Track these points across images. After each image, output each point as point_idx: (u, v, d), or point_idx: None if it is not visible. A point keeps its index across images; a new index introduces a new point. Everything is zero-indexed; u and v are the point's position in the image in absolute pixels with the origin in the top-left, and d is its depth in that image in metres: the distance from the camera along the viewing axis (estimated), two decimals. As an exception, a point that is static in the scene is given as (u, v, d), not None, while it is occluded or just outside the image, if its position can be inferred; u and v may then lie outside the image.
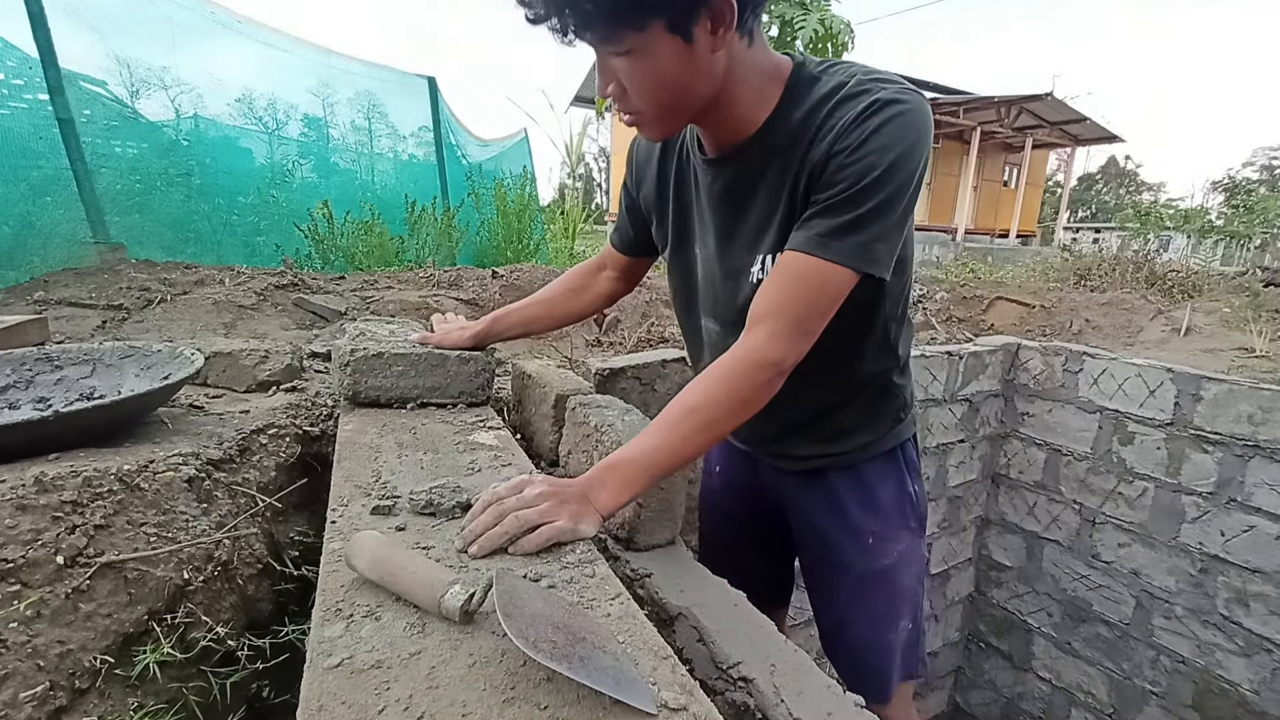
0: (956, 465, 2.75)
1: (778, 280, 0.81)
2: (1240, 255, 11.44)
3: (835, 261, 0.77)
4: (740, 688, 0.79)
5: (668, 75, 0.76)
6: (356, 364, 1.13)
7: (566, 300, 1.26)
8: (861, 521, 1.11)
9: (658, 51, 0.74)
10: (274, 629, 0.92)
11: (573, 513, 0.74)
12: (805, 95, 0.84)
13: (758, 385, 0.80)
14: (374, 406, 1.16)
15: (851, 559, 1.12)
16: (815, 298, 0.79)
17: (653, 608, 0.93)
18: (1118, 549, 2.54)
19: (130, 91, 3.00)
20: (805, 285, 0.79)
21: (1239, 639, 2.23)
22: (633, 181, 1.12)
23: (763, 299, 0.82)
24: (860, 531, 1.11)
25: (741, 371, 0.80)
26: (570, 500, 0.75)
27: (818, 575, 1.21)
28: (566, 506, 0.74)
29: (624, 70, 0.77)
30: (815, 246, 0.78)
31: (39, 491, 0.76)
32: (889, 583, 1.12)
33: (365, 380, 1.14)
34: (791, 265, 0.80)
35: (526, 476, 0.79)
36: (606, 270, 1.25)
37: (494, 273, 2.77)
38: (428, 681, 0.53)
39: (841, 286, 0.79)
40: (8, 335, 1.41)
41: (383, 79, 4.48)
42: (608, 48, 0.75)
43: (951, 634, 3.08)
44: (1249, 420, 2.12)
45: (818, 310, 0.80)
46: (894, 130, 0.76)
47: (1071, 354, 2.60)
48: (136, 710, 0.73)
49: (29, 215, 2.38)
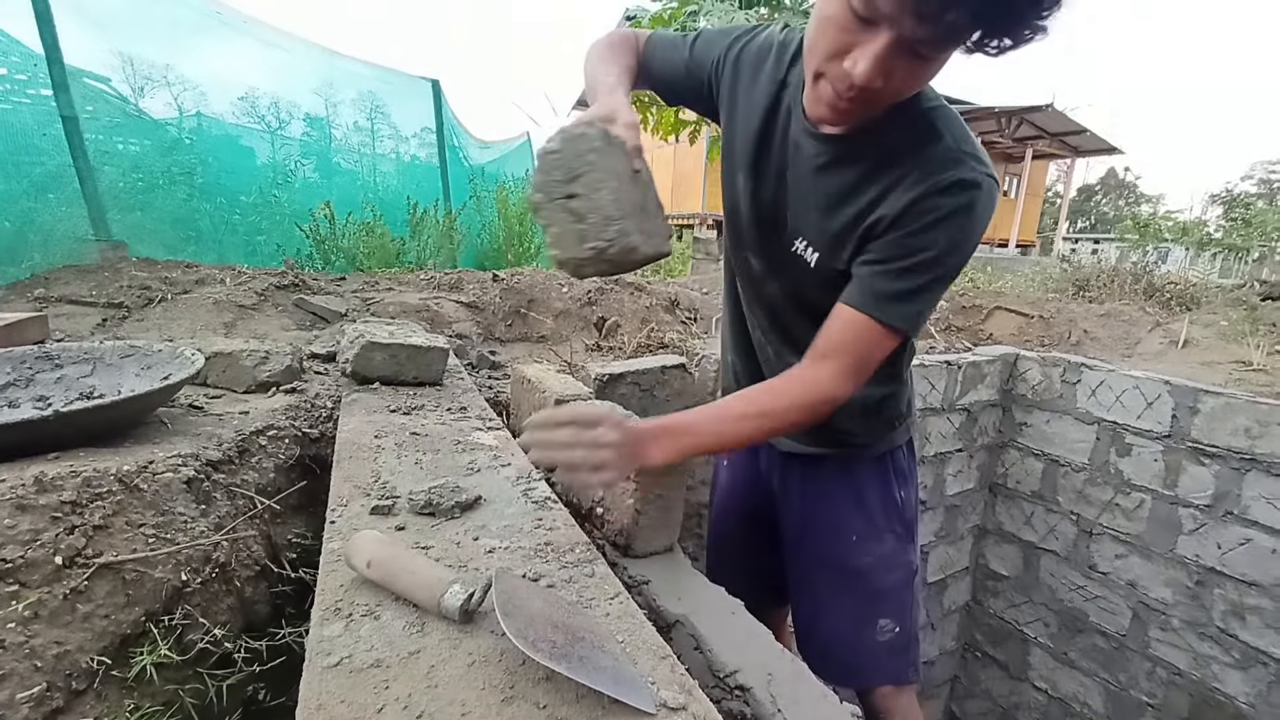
0: (954, 474, 2.75)
1: (845, 329, 0.90)
2: (1238, 268, 11.49)
3: (894, 326, 0.88)
4: (737, 696, 0.79)
5: (926, 81, 0.78)
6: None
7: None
8: (845, 519, 1.17)
9: (941, 62, 0.74)
10: (271, 631, 0.91)
11: (623, 470, 0.84)
12: (911, 117, 0.85)
13: (817, 416, 0.91)
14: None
15: (831, 554, 1.18)
16: (872, 350, 0.90)
17: (650, 615, 0.93)
18: (1114, 560, 2.54)
19: (134, 89, 3.00)
20: (868, 340, 0.89)
21: (1235, 651, 2.23)
22: (724, 67, 1.01)
23: (831, 339, 0.91)
24: (842, 528, 1.17)
25: (808, 404, 0.90)
26: (626, 459, 0.83)
27: (799, 565, 1.25)
28: (620, 465, 0.82)
29: (909, 72, 0.74)
30: (879, 310, 0.88)
31: (38, 491, 0.76)
32: (866, 582, 1.17)
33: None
34: (857, 320, 0.89)
35: (608, 412, 0.86)
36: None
37: (494, 276, 2.77)
38: (427, 681, 0.53)
39: (893, 344, 0.91)
40: (8, 333, 1.41)
41: (386, 80, 4.49)
42: (938, 53, 0.71)
43: (948, 643, 3.07)
44: (1246, 433, 2.13)
45: (873, 360, 0.91)
46: (968, 221, 0.84)
47: (1070, 365, 2.60)
48: (133, 712, 0.73)
49: (31, 212, 2.37)
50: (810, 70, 0.80)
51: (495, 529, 0.80)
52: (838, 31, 0.72)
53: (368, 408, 1.21)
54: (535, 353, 2.27)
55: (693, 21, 3.77)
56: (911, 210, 0.84)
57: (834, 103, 0.78)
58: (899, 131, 0.85)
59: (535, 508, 0.87)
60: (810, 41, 0.78)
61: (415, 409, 1.23)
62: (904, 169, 0.85)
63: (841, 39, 0.72)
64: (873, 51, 0.70)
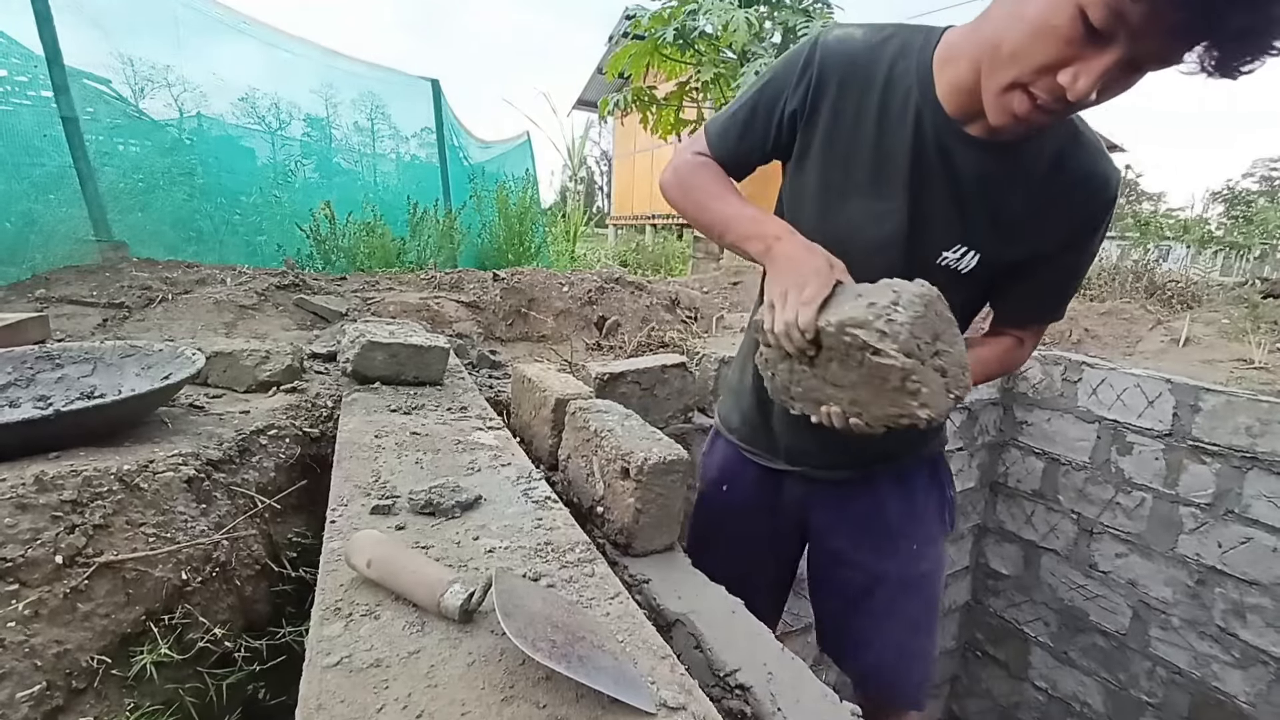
0: (955, 473, 2.72)
1: (1040, 325, 1.07)
2: (1240, 266, 11.48)
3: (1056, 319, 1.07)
4: (737, 695, 0.78)
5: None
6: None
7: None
8: (905, 527, 1.14)
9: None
10: (271, 630, 0.92)
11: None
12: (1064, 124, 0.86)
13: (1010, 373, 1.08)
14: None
15: (891, 565, 1.14)
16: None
17: (650, 613, 0.93)
18: (1115, 559, 2.54)
19: (134, 90, 3.01)
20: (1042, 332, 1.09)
21: (1235, 651, 2.23)
22: (804, 101, 0.93)
23: (1029, 314, 1.05)
24: (901, 538, 1.14)
25: (1011, 365, 1.08)
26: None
27: (849, 585, 1.19)
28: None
29: (1123, 86, 0.70)
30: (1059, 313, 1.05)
31: (39, 490, 0.76)
32: (928, 588, 1.16)
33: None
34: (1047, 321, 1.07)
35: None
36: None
37: (495, 275, 2.77)
38: (427, 680, 0.53)
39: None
40: (9, 333, 1.41)
41: (386, 80, 4.50)
42: (1163, 68, 0.68)
43: (948, 642, 3.07)
44: (1247, 432, 2.12)
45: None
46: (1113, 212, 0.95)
47: (1070, 363, 2.60)
48: (133, 711, 0.73)
49: (31, 212, 2.38)
50: (1006, 79, 0.73)
51: (495, 529, 0.80)
52: (1061, 44, 0.67)
53: (368, 407, 1.21)
54: (536, 352, 2.27)
55: (692, 20, 3.77)
56: (1087, 223, 0.92)
57: (1030, 115, 0.74)
58: (1052, 130, 0.84)
59: (535, 507, 0.87)
60: (1014, 50, 0.71)
61: (416, 409, 1.23)
62: (1069, 175, 0.88)
63: (1064, 52, 0.67)
64: (1100, 68, 0.66)
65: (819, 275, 0.82)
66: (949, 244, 0.93)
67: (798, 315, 0.81)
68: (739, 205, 0.93)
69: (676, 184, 1.02)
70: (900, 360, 0.75)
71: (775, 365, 0.92)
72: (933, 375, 0.79)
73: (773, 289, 0.85)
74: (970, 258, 0.93)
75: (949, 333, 0.81)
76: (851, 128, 0.91)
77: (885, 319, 0.76)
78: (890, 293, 0.79)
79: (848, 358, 0.81)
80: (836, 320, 0.79)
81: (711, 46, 3.95)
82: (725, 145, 1.01)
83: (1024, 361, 1.08)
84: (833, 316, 0.80)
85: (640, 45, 4.00)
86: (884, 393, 0.80)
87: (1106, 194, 0.90)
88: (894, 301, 0.77)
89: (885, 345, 0.76)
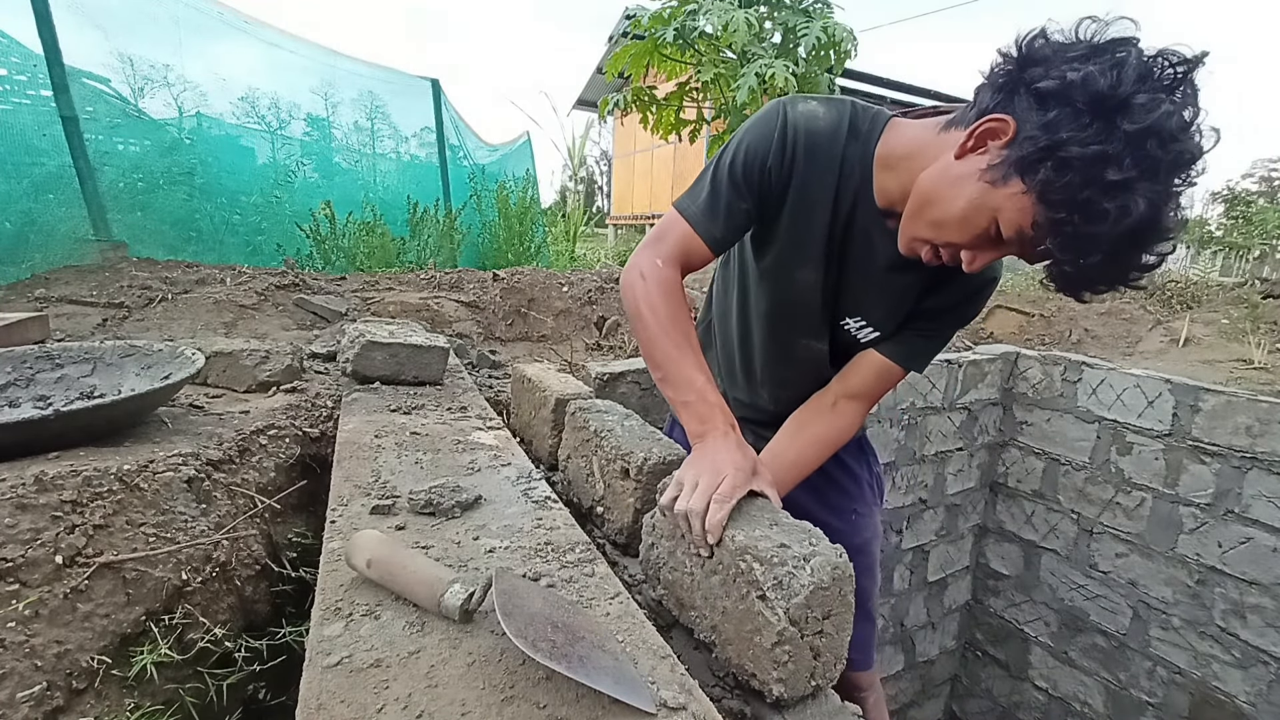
0: (955, 473, 2.75)
1: (880, 378, 1.07)
2: (1239, 266, 11.47)
3: (916, 371, 1.09)
4: (737, 695, 0.79)
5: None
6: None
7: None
8: (844, 501, 1.27)
9: None
10: (271, 630, 0.91)
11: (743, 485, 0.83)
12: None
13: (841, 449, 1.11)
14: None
15: (844, 529, 1.24)
16: (890, 390, 1.13)
17: (650, 614, 0.93)
18: (1115, 559, 2.54)
19: (134, 89, 3.00)
20: (892, 385, 1.09)
21: (1235, 650, 2.23)
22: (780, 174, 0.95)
23: (866, 383, 1.07)
24: (844, 510, 1.26)
25: (839, 443, 1.10)
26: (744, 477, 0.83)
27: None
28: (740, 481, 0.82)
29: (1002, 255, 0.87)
30: (912, 363, 1.06)
31: (39, 490, 0.76)
32: (868, 555, 1.27)
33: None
34: (891, 372, 1.06)
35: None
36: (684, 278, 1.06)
37: (495, 275, 2.77)
38: (427, 680, 0.53)
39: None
40: (8, 332, 1.41)
41: (386, 80, 4.50)
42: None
43: (948, 642, 3.07)
44: (1247, 432, 2.12)
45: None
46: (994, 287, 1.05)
47: (1070, 363, 2.60)
48: (133, 711, 0.73)
49: (31, 212, 2.38)
50: (923, 235, 0.84)
51: (495, 528, 0.80)
52: (972, 236, 0.79)
53: (368, 407, 1.21)
54: (535, 352, 2.27)
55: (692, 20, 3.76)
56: (964, 301, 1.03)
57: (929, 260, 0.86)
58: None
59: (535, 507, 0.87)
60: (937, 220, 0.81)
61: (415, 408, 1.23)
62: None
63: (972, 242, 0.80)
64: (992, 257, 0.81)
65: (740, 473, 0.79)
66: (853, 314, 1.05)
67: (708, 508, 0.75)
68: (692, 370, 0.91)
69: (643, 300, 0.95)
70: (782, 623, 0.66)
71: (660, 539, 0.85)
72: (805, 653, 0.68)
73: (689, 470, 0.81)
74: (867, 332, 1.05)
75: (842, 618, 0.70)
76: (810, 209, 0.98)
77: (788, 571, 0.67)
78: (808, 545, 0.70)
79: (732, 582, 0.72)
80: (742, 541, 0.71)
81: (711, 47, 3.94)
82: (714, 226, 0.98)
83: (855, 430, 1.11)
84: (740, 534, 0.71)
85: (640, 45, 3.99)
86: (750, 641, 0.70)
87: (991, 272, 1.00)
88: (806, 558, 0.68)
89: (775, 598, 0.66)
